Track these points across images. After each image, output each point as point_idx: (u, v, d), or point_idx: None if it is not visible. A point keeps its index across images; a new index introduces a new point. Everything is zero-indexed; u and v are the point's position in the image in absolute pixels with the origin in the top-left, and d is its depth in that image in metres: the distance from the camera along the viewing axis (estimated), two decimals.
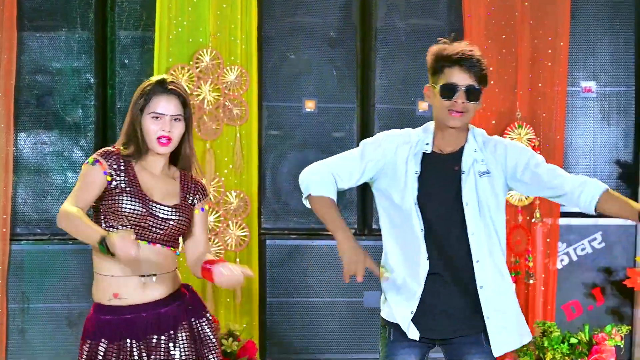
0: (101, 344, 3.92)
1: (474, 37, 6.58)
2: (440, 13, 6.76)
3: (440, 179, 3.97)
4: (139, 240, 3.87)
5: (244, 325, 6.43)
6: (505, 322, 4.01)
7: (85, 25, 6.52)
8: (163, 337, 3.94)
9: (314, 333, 6.60)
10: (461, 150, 3.99)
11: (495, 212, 4.00)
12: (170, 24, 6.42)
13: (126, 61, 6.52)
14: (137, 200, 3.91)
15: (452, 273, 3.98)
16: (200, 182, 4.14)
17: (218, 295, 6.44)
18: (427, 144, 3.99)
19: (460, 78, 3.89)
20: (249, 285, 6.46)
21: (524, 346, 6.26)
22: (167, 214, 3.96)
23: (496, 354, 4.00)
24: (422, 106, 6.67)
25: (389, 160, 4.00)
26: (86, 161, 3.96)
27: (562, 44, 6.65)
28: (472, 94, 3.90)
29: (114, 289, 3.91)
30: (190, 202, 4.07)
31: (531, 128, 6.62)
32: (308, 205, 4.00)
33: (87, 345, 3.94)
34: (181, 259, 4.13)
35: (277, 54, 6.68)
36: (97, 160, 3.93)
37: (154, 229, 3.94)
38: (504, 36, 6.65)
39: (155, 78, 4.04)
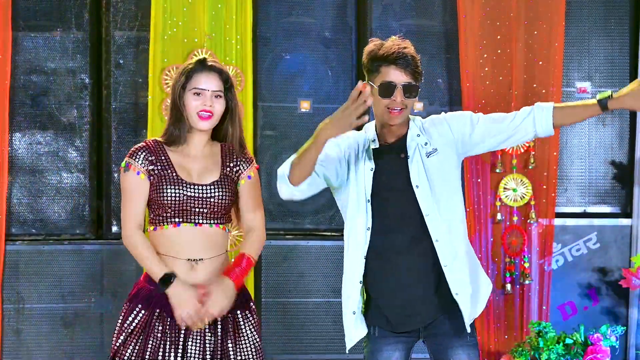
0: (137, 308, 3.99)
1: (469, 37, 6.59)
2: (435, 13, 6.77)
3: (391, 169, 4.04)
4: (185, 224, 3.96)
5: None
6: (474, 295, 4.05)
7: (80, 26, 6.51)
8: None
9: (309, 333, 6.60)
10: (404, 137, 4.06)
11: (450, 190, 4.05)
12: (165, 24, 6.41)
13: (121, 61, 6.52)
14: (173, 186, 3.98)
15: (413, 258, 4.01)
16: (242, 149, 4.18)
17: None
18: (374, 140, 4.08)
19: (397, 76, 3.96)
20: (245, 285, 6.45)
21: (519, 346, 6.27)
22: (207, 193, 4.02)
23: (468, 323, 4.04)
24: (417, 106, 6.67)
25: (342, 158, 4.08)
26: (121, 166, 4.07)
27: (557, 44, 6.65)
28: (409, 90, 3.97)
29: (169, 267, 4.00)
30: (232, 173, 4.12)
31: None
32: (299, 193, 4.01)
33: (125, 306, 4.04)
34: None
35: (272, 54, 6.68)
36: (128, 164, 4.03)
37: (197, 210, 3.99)
38: (498, 37, 6.65)
39: (196, 58, 4.13)
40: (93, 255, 6.48)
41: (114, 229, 6.50)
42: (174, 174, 4.01)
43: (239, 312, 4.11)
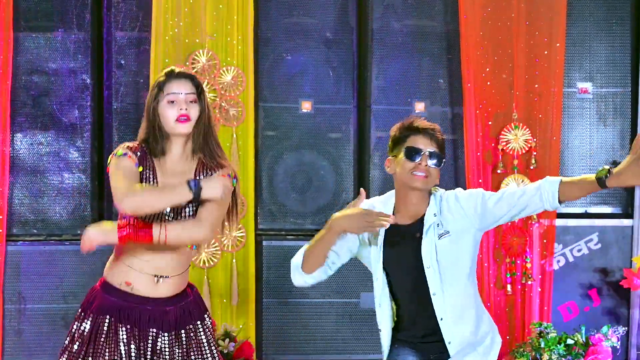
0: (107, 320, 3.97)
1: (470, 38, 6.59)
2: (437, 14, 6.76)
3: (403, 247, 4.20)
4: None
5: (241, 326, 6.43)
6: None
7: (81, 26, 6.51)
8: (162, 334, 3.99)
9: (310, 334, 6.60)
10: (422, 217, 4.20)
11: (459, 272, 4.18)
12: (167, 25, 6.42)
13: (122, 62, 6.52)
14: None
15: (419, 334, 4.26)
16: (218, 160, 4.12)
17: (214, 296, 6.44)
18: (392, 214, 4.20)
19: (424, 143, 4.15)
20: (246, 285, 6.46)
21: (520, 347, 6.27)
22: (181, 208, 4.00)
23: None
24: (419, 107, 6.67)
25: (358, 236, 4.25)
26: (113, 153, 4.04)
27: (558, 45, 6.65)
28: (435, 157, 4.15)
29: (128, 277, 3.99)
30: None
31: (527, 129, 6.62)
32: (310, 279, 4.31)
33: (90, 318, 3.99)
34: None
35: (273, 54, 6.68)
36: (126, 154, 4.02)
37: (168, 219, 3.98)
38: (500, 37, 6.65)
39: (164, 71, 4.12)
40: (94, 256, 6.44)
41: None
42: (155, 184, 4.01)
43: (199, 323, 4.12)
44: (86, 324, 4.00)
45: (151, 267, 3.98)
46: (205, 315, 4.16)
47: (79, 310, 4.08)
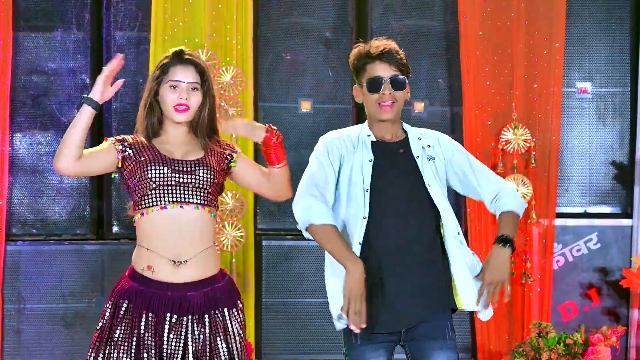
0: (123, 305, 3.94)
1: (470, 37, 6.59)
2: (436, 14, 6.77)
3: (395, 164, 4.07)
4: (171, 204, 3.92)
5: None
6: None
7: (80, 26, 6.52)
8: (184, 318, 3.94)
9: (309, 334, 6.60)
10: (406, 138, 4.12)
11: (445, 195, 4.11)
12: (166, 25, 6.42)
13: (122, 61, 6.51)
14: (157, 162, 3.96)
15: (413, 256, 4.01)
16: (222, 140, 4.15)
17: None
18: (369, 135, 4.11)
19: (383, 70, 4.06)
20: (245, 285, 6.46)
21: (519, 346, 6.27)
22: (192, 167, 3.97)
23: (476, 303, 4.08)
24: (418, 107, 6.68)
25: (342, 155, 4.09)
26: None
27: (557, 44, 6.65)
28: (397, 83, 4.06)
29: (149, 261, 3.95)
30: (218, 156, 4.08)
31: (527, 129, 6.63)
32: (308, 236, 4.00)
33: (110, 303, 3.98)
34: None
35: (272, 54, 6.68)
36: (111, 141, 4.04)
37: (182, 185, 3.95)
38: (499, 37, 6.65)
39: (171, 51, 4.10)
40: (93, 256, 6.48)
41: (115, 229, 6.51)
42: (158, 153, 3.99)
43: (226, 310, 4.03)
44: (108, 306, 3.97)
45: (169, 251, 3.93)
46: (239, 302, 4.08)
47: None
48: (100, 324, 3.97)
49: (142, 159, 3.98)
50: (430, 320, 4.02)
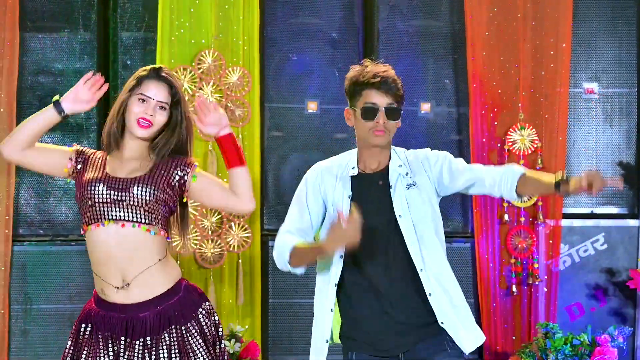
0: (88, 328, 3.94)
1: (476, 38, 6.59)
2: (442, 15, 6.77)
3: (371, 197, 4.03)
4: (107, 221, 3.86)
5: (247, 327, 6.43)
6: (461, 322, 4.01)
7: (87, 27, 6.53)
8: (137, 342, 3.89)
9: None
10: (387, 168, 4.06)
11: (431, 221, 4.03)
12: (172, 25, 6.42)
13: (128, 62, 6.53)
14: (96, 179, 3.90)
15: (393, 287, 3.98)
16: (182, 159, 4.02)
17: (220, 297, 6.44)
18: (353, 167, 4.07)
19: (379, 99, 3.99)
20: (252, 286, 6.46)
21: (526, 347, 6.27)
22: (127, 185, 3.89)
23: (468, 350, 4.03)
24: (425, 107, 6.67)
25: (325, 190, 4.07)
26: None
27: (564, 45, 6.65)
28: (392, 113, 4.00)
29: (98, 284, 3.94)
30: (168, 174, 3.97)
31: (533, 129, 6.63)
32: (295, 271, 4.00)
33: (79, 320, 3.98)
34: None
35: (279, 55, 6.69)
36: (74, 151, 4.02)
37: (116, 203, 3.88)
38: (506, 37, 6.65)
39: (150, 66, 4.05)
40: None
41: None
42: (101, 170, 3.94)
43: (182, 328, 3.95)
44: (75, 328, 3.98)
45: (110, 274, 3.88)
46: (199, 314, 3.98)
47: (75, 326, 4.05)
48: (68, 344, 3.97)
49: (86, 176, 3.94)
50: (425, 340, 3.99)
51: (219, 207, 4.23)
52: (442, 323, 3.96)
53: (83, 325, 3.95)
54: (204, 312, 4.00)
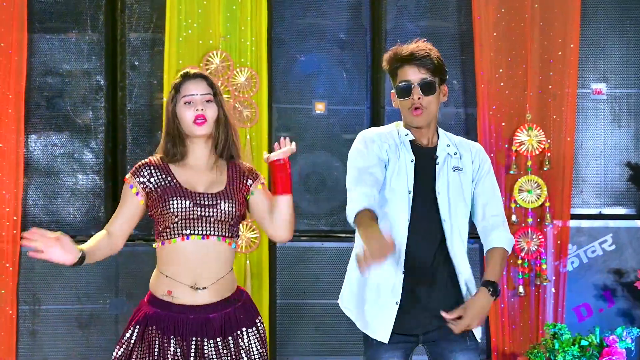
0: (151, 329, 3.97)
1: (484, 39, 6.59)
2: (450, 15, 6.77)
3: (424, 168, 4.02)
4: (193, 236, 3.96)
5: None
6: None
7: (95, 27, 6.53)
8: (207, 341, 3.98)
9: (324, 335, 6.60)
10: (436, 145, 4.06)
11: (463, 208, 4.03)
12: (180, 26, 6.42)
13: (136, 63, 6.53)
14: (179, 195, 3.97)
15: (430, 266, 4.00)
16: (246, 165, 4.19)
17: None
18: (407, 134, 4.04)
19: (412, 74, 3.96)
20: (259, 287, 6.46)
21: (534, 348, 6.26)
22: (213, 200, 4.00)
23: (479, 336, 4.06)
24: None
25: (387, 150, 4.03)
26: (130, 172, 4.10)
27: (572, 45, 6.65)
28: (427, 87, 3.96)
29: (169, 286, 3.98)
30: (241, 186, 4.11)
31: (541, 130, 6.62)
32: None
33: (132, 329, 4.00)
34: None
35: (287, 55, 6.69)
36: (132, 186, 4.05)
37: (204, 219, 3.98)
38: (513, 38, 6.65)
39: (179, 73, 4.15)
40: (108, 257, 6.47)
41: None
42: (178, 186, 4.01)
43: (245, 330, 4.07)
44: (131, 331, 4.00)
45: (189, 275, 3.97)
46: (257, 321, 4.12)
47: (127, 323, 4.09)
48: (122, 350, 3.99)
49: (164, 191, 4.00)
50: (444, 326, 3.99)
51: (257, 222, 4.28)
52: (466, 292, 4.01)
53: (145, 327, 3.98)
54: (260, 323, 4.14)
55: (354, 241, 4.14)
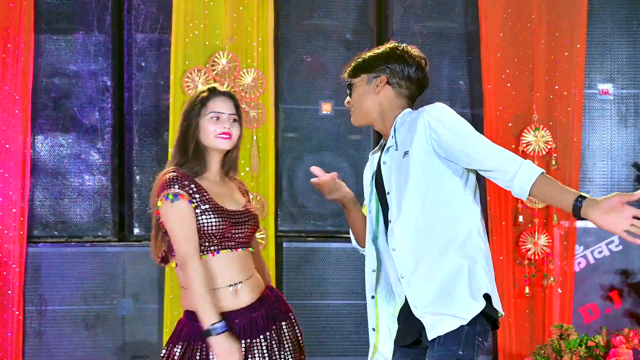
0: (199, 345, 3.96)
1: (490, 39, 6.59)
2: (457, 15, 6.76)
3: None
4: (223, 250, 4.02)
5: None
6: (432, 307, 3.67)
7: (102, 28, 6.54)
8: (255, 340, 4.01)
9: (330, 336, 6.60)
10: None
11: (433, 190, 3.67)
12: (187, 27, 6.43)
13: (143, 64, 6.54)
14: (217, 216, 3.99)
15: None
16: (243, 183, 4.30)
17: None
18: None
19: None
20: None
21: (541, 348, 6.26)
22: (243, 219, 4.07)
23: (429, 336, 3.66)
24: None
25: None
26: (165, 198, 3.97)
27: (579, 46, 6.64)
28: (348, 89, 4.05)
29: (215, 298, 3.99)
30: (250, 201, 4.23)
31: (548, 131, 6.61)
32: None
33: (180, 343, 4.01)
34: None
35: (293, 56, 6.69)
36: (177, 195, 3.97)
37: (236, 237, 4.05)
38: (520, 38, 6.64)
39: (206, 87, 4.16)
40: (115, 258, 6.49)
41: (136, 231, 6.51)
42: (215, 204, 4.01)
43: (284, 323, 4.15)
44: (177, 348, 3.99)
45: (225, 279, 4.00)
46: (290, 314, 4.19)
47: (168, 342, 4.07)
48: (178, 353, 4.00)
49: (202, 207, 4.00)
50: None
51: None
52: (415, 307, 3.71)
53: (193, 344, 3.98)
54: (292, 316, 4.22)
55: None
